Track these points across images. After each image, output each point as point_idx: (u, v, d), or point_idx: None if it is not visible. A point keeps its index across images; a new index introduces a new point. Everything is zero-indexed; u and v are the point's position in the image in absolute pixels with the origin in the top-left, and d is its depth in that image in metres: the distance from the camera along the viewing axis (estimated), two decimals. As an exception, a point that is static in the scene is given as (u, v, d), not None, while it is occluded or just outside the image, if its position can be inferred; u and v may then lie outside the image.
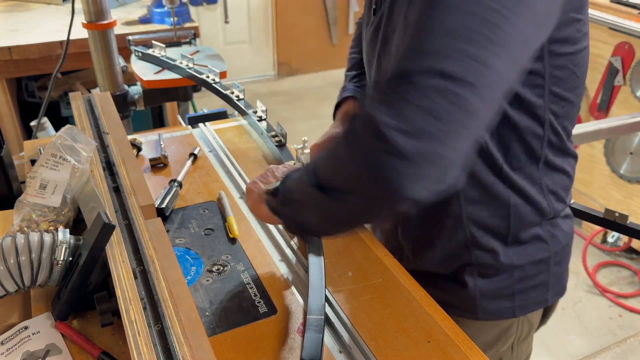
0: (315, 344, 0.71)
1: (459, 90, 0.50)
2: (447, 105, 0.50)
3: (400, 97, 0.51)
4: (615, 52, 2.48)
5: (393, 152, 0.50)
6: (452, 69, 0.50)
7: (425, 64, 0.51)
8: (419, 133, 0.50)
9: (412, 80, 0.51)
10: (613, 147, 2.58)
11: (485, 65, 0.51)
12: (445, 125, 0.50)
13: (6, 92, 2.24)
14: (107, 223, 0.74)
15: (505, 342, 0.96)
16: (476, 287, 0.87)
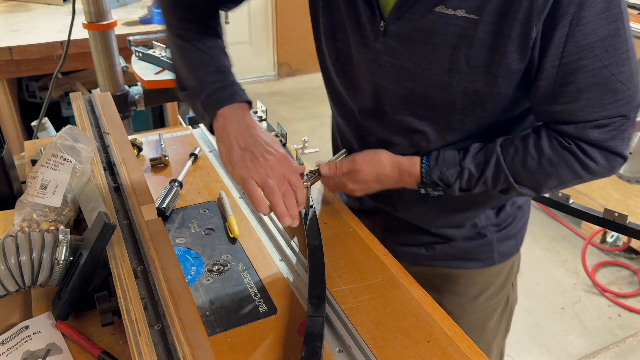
0: (317, 345, 0.71)
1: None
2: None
3: (623, 132, 0.78)
4: (615, 52, 2.48)
5: (625, 160, 0.81)
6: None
7: (634, 104, 0.77)
8: (629, 144, 0.80)
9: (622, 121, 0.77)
10: (613, 147, 2.58)
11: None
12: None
13: (7, 92, 2.24)
14: (107, 223, 0.74)
15: (510, 279, 1.09)
16: (493, 235, 1.01)
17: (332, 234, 0.97)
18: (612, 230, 2.43)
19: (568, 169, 0.81)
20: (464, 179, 0.86)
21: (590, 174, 0.81)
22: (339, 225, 1.00)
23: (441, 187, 0.88)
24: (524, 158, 0.82)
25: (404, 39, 0.81)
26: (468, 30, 0.76)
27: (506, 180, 0.84)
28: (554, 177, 0.82)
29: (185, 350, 0.62)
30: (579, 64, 0.73)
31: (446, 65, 0.79)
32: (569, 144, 0.80)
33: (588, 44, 0.72)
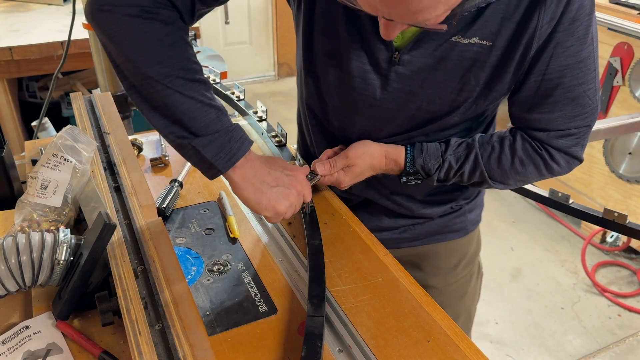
0: (317, 345, 0.71)
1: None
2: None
3: (585, 140, 0.91)
4: (615, 52, 2.49)
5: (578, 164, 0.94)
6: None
7: (596, 116, 0.89)
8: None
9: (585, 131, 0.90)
10: (612, 147, 2.58)
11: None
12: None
13: (7, 93, 2.24)
14: (108, 223, 0.74)
15: (479, 246, 1.20)
16: (465, 207, 1.10)
17: (332, 234, 0.97)
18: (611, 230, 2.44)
19: (535, 169, 0.92)
20: (444, 170, 0.93)
21: (551, 174, 0.93)
22: (339, 225, 1.00)
23: (421, 176, 0.95)
24: (499, 157, 0.92)
25: (418, 67, 0.85)
26: (481, 55, 0.82)
27: (481, 175, 0.93)
28: (522, 175, 0.93)
29: (186, 350, 0.62)
30: (559, 81, 0.83)
31: (457, 86, 0.86)
32: (539, 149, 0.91)
33: (569, 64, 0.82)
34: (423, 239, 1.10)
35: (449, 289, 1.13)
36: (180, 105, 0.77)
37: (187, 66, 0.78)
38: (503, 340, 2.21)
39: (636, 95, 2.45)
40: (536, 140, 0.91)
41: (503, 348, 2.17)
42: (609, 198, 2.66)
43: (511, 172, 0.93)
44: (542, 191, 1.49)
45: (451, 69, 0.84)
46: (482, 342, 2.18)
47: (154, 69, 0.76)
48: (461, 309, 1.15)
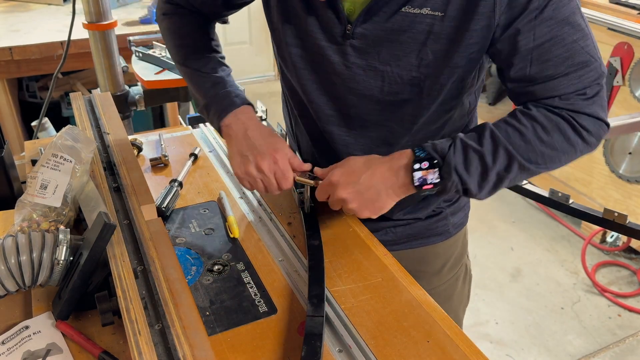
0: (317, 345, 0.71)
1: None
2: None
3: (601, 99, 0.83)
4: (615, 52, 2.48)
5: (608, 128, 0.86)
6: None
7: (603, 73, 0.82)
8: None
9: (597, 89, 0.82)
10: (612, 147, 2.58)
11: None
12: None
13: (7, 93, 2.24)
14: (107, 223, 0.74)
15: (465, 248, 1.21)
16: (446, 210, 1.09)
17: (332, 234, 0.97)
18: (611, 230, 2.44)
19: (562, 135, 0.82)
20: (459, 149, 0.81)
21: (583, 140, 0.83)
22: (339, 225, 1.00)
23: (437, 160, 0.81)
24: (518, 129, 0.82)
25: (372, 40, 0.85)
26: (434, 27, 0.81)
27: (506, 152, 0.81)
28: (549, 146, 0.82)
29: (185, 350, 0.62)
30: (552, 43, 0.79)
31: (415, 61, 0.84)
32: (560, 111, 0.82)
33: (557, 22, 0.78)
34: (405, 243, 1.09)
35: (434, 292, 1.07)
36: (189, 82, 1.03)
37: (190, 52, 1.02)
38: (503, 340, 2.21)
39: (636, 95, 2.45)
40: (552, 106, 0.83)
41: (503, 348, 2.17)
42: (609, 198, 2.66)
43: (537, 143, 0.81)
44: (542, 191, 1.49)
45: (406, 42, 0.83)
46: (482, 342, 2.18)
47: (174, 52, 1.05)
48: (449, 311, 0.96)
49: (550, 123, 0.82)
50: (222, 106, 0.95)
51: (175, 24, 1.04)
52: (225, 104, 0.95)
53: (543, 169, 0.84)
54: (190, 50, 1.02)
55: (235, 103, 0.95)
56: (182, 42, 1.03)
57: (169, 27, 1.05)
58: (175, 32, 1.04)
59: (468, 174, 0.80)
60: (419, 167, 0.82)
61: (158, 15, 1.08)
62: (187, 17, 1.03)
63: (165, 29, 1.06)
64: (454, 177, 0.80)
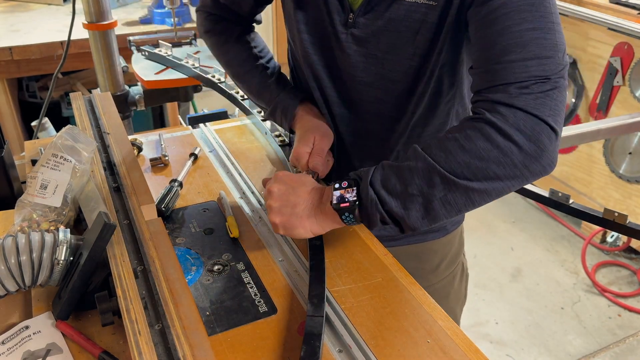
0: (316, 345, 0.71)
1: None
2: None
3: (550, 99, 0.74)
4: (615, 52, 2.49)
5: (555, 137, 0.74)
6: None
7: (558, 71, 0.74)
8: (561, 122, 0.75)
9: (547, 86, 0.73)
10: (612, 147, 2.58)
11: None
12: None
13: (7, 92, 2.25)
14: (107, 223, 0.74)
15: (462, 246, 1.19)
16: None
17: (332, 234, 0.97)
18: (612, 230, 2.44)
19: (487, 141, 0.72)
20: (379, 168, 0.78)
21: (517, 146, 0.72)
22: (338, 225, 1.00)
23: (355, 180, 0.79)
24: (440, 140, 0.76)
25: (372, 30, 0.89)
26: (428, 16, 0.84)
27: (425, 163, 0.74)
28: (474, 156, 0.72)
29: (185, 350, 0.62)
30: (504, 25, 0.74)
31: (411, 50, 0.88)
32: (482, 113, 0.74)
33: (516, 7, 0.74)
34: (402, 239, 1.10)
35: (431, 290, 1.08)
36: (247, 90, 1.14)
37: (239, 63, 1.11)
38: (503, 340, 2.21)
39: (636, 95, 2.45)
40: (491, 101, 0.75)
41: (503, 348, 2.17)
42: (609, 198, 2.66)
43: (458, 152, 0.73)
44: (542, 191, 1.49)
45: (403, 31, 0.86)
46: (482, 342, 2.18)
47: (226, 70, 1.17)
48: (446, 309, 0.98)
49: (473, 130, 0.73)
50: (285, 111, 1.05)
51: (218, 41, 1.13)
52: (285, 108, 1.05)
53: (477, 186, 0.73)
54: (237, 64, 1.11)
55: (291, 106, 1.05)
56: (228, 59, 1.12)
57: (214, 46, 1.14)
58: (221, 50, 1.13)
59: (387, 192, 0.76)
60: (339, 187, 0.79)
61: (201, 33, 1.16)
62: (226, 33, 1.11)
63: (212, 47, 1.15)
64: (370, 193, 0.76)
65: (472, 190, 0.73)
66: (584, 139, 1.82)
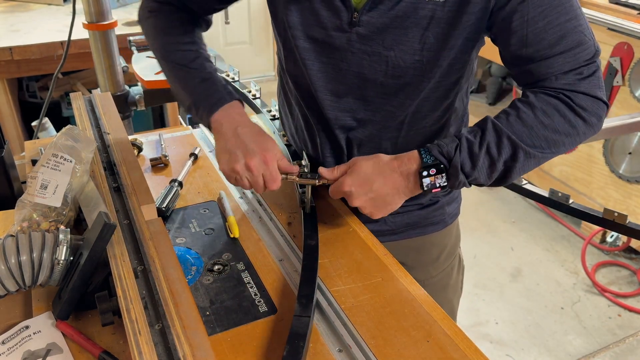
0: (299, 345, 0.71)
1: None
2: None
3: (598, 79, 0.86)
4: (614, 52, 2.49)
5: (607, 109, 0.87)
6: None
7: (597, 52, 0.85)
8: (605, 94, 0.87)
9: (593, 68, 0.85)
10: (612, 147, 2.58)
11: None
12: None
13: (7, 93, 2.25)
14: (107, 223, 0.74)
15: (458, 239, 1.21)
16: (443, 199, 1.11)
17: (332, 234, 0.97)
18: (611, 230, 2.43)
19: (562, 117, 0.84)
20: (465, 149, 0.84)
21: (583, 120, 0.85)
22: (339, 225, 1.00)
23: (444, 165, 0.85)
24: (519, 116, 0.84)
25: (377, 27, 0.88)
26: (436, 13, 0.85)
27: (510, 141, 0.83)
28: (551, 130, 0.84)
29: (185, 349, 0.62)
30: (545, 21, 0.82)
31: (418, 46, 0.87)
32: (557, 93, 0.85)
33: (549, 3, 0.81)
34: (403, 232, 1.10)
35: (431, 282, 1.14)
36: (174, 79, 1.02)
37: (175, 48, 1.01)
38: (503, 340, 2.21)
39: (636, 95, 2.45)
40: (550, 88, 0.86)
41: (503, 348, 2.17)
42: (609, 198, 2.66)
43: (539, 127, 0.84)
44: (542, 191, 1.49)
45: (410, 28, 0.86)
46: (482, 342, 2.18)
47: (155, 53, 1.05)
48: (444, 301, 1.14)
49: (549, 106, 0.84)
50: (212, 101, 0.95)
51: (162, 20, 1.03)
52: (215, 98, 0.95)
53: (549, 154, 0.85)
54: (176, 46, 1.00)
55: (225, 98, 0.95)
56: (169, 38, 1.02)
57: (156, 25, 1.04)
58: (162, 29, 1.03)
59: (475, 170, 0.84)
60: (427, 174, 0.85)
61: (143, 14, 1.07)
62: (175, 14, 1.03)
63: (151, 27, 1.05)
64: (460, 177, 0.84)
65: (544, 158, 0.86)
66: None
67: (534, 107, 0.84)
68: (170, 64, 1.01)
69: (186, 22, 1.03)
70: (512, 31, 0.84)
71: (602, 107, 0.86)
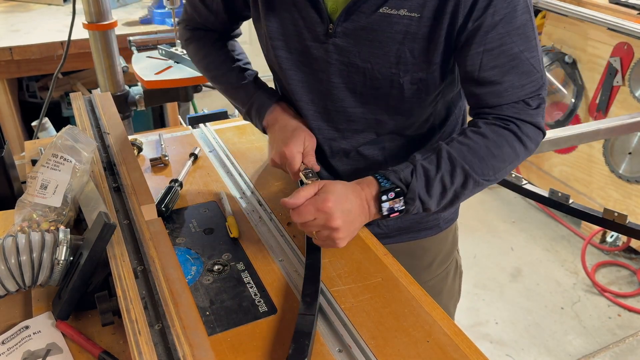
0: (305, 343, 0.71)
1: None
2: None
3: (542, 110, 0.90)
4: (614, 52, 2.49)
5: (543, 137, 0.93)
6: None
7: (544, 85, 0.89)
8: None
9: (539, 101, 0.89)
10: (612, 147, 2.58)
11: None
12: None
13: (7, 93, 2.24)
14: (107, 223, 0.74)
15: (455, 244, 1.22)
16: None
17: (332, 234, 0.97)
18: (611, 230, 2.44)
19: (510, 148, 0.88)
20: (420, 175, 0.85)
21: (525, 148, 0.90)
22: (338, 225, 1.00)
23: (401, 189, 0.85)
24: (472, 147, 0.87)
25: (352, 39, 0.89)
26: (411, 27, 0.85)
27: (463, 170, 0.86)
28: (500, 160, 0.88)
29: (185, 349, 0.62)
30: (501, 49, 0.84)
31: (393, 59, 0.88)
32: (507, 124, 0.88)
33: (507, 31, 0.83)
34: (396, 236, 1.10)
35: (425, 287, 1.11)
36: (227, 97, 1.14)
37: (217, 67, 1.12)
38: (503, 340, 2.21)
39: (636, 95, 2.45)
40: (501, 118, 0.89)
41: (503, 348, 2.17)
42: (609, 198, 2.66)
43: (489, 158, 0.87)
44: (542, 191, 1.49)
45: (385, 42, 0.87)
46: (482, 342, 2.18)
47: (205, 74, 1.18)
48: (440, 306, 1.12)
49: (500, 138, 0.88)
50: (260, 109, 1.05)
51: (196, 47, 1.14)
52: (260, 106, 1.05)
53: (493, 181, 0.90)
54: (215, 67, 1.12)
55: (267, 103, 1.05)
56: (207, 63, 1.13)
57: (194, 52, 1.15)
58: (199, 55, 1.14)
59: (429, 197, 0.86)
60: (387, 198, 0.85)
61: (182, 44, 1.19)
62: (204, 39, 1.13)
63: (192, 55, 1.16)
64: (417, 202, 0.86)
65: (488, 184, 0.90)
66: (584, 139, 1.82)
67: (486, 138, 0.87)
68: (217, 85, 1.14)
69: (215, 40, 1.13)
70: (469, 52, 0.85)
71: (541, 136, 0.92)
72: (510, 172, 0.93)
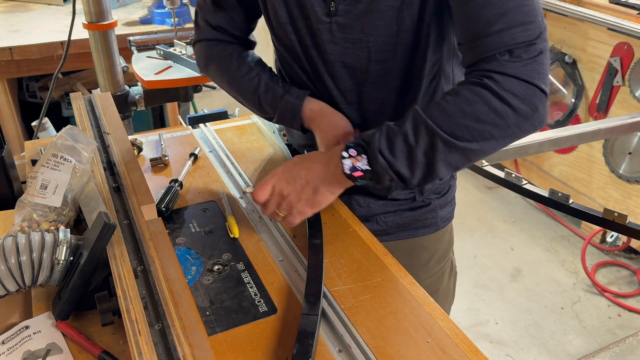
0: (309, 343, 0.71)
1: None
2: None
3: (538, 63, 0.79)
4: (614, 52, 2.49)
5: (545, 98, 0.79)
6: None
7: (541, 35, 0.79)
8: (548, 82, 0.81)
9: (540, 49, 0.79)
10: (612, 147, 2.58)
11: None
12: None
13: (7, 93, 2.24)
14: (107, 223, 0.74)
15: (451, 243, 1.21)
16: (435, 202, 1.11)
17: (332, 233, 0.97)
18: (611, 230, 2.44)
19: (485, 105, 0.77)
20: (383, 133, 0.81)
21: (512, 109, 0.77)
22: (339, 225, 1.00)
23: (362, 146, 0.82)
24: (439, 104, 0.80)
25: (354, 14, 0.90)
26: None
27: (427, 128, 0.78)
28: (473, 119, 0.77)
29: (185, 350, 0.62)
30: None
31: (394, 27, 0.89)
32: (480, 79, 0.78)
33: None
34: (394, 234, 1.11)
35: (422, 285, 1.13)
36: (251, 104, 1.08)
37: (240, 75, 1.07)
38: (503, 340, 2.21)
39: (636, 95, 2.45)
40: (481, 70, 0.80)
41: (503, 348, 2.17)
42: (609, 198, 2.66)
43: (458, 115, 0.77)
44: (542, 191, 1.49)
45: (384, 11, 0.88)
46: (482, 342, 2.19)
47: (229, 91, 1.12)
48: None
49: (472, 93, 0.78)
50: (293, 112, 1.02)
51: (219, 67, 1.10)
52: (292, 109, 1.02)
53: (475, 146, 0.78)
54: (239, 80, 1.07)
55: (297, 105, 1.02)
56: (229, 79, 1.09)
57: (216, 71, 1.11)
58: (221, 72, 1.10)
59: (394, 157, 0.79)
60: (348, 155, 0.82)
61: (201, 66, 1.14)
62: (224, 54, 1.09)
63: (214, 74, 1.12)
64: (380, 160, 0.80)
65: (470, 151, 0.79)
66: (584, 139, 1.82)
67: (455, 96, 0.79)
68: (243, 100, 1.09)
69: (237, 53, 1.10)
70: (456, 8, 0.82)
71: (539, 96, 0.78)
72: (507, 139, 0.80)
